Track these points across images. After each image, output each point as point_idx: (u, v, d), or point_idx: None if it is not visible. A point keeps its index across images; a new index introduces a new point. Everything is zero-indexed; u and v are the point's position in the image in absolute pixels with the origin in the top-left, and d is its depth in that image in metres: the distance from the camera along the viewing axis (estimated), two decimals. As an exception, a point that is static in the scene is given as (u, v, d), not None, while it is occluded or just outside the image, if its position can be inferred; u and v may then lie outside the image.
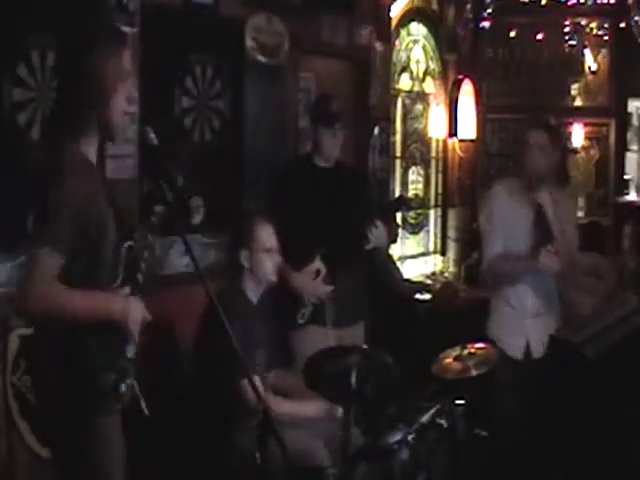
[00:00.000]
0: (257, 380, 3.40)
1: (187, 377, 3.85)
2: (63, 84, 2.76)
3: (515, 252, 4.26)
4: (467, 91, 7.70)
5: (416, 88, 7.34)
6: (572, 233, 4.30)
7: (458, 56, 7.66)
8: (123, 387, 2.69)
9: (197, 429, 3.67)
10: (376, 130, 6.29)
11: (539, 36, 8.11)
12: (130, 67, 2.75)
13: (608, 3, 7.73)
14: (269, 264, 3.75)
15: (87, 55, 2.66)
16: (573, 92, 8.37)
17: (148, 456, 3.81)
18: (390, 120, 6.69)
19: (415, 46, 7.27)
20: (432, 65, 7.52)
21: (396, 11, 6.53)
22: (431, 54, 7.49)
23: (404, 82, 7.14)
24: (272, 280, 3.79)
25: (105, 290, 2.67)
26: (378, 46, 6.22)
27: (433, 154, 7.70)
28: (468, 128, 7.75)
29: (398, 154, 7.12)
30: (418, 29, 7.26)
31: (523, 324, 4.31)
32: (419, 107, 7.42)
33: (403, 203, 4.58)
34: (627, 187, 8.28)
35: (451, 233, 7.80)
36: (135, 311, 2.69)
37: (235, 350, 2.57)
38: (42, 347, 2.67)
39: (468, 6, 7.69)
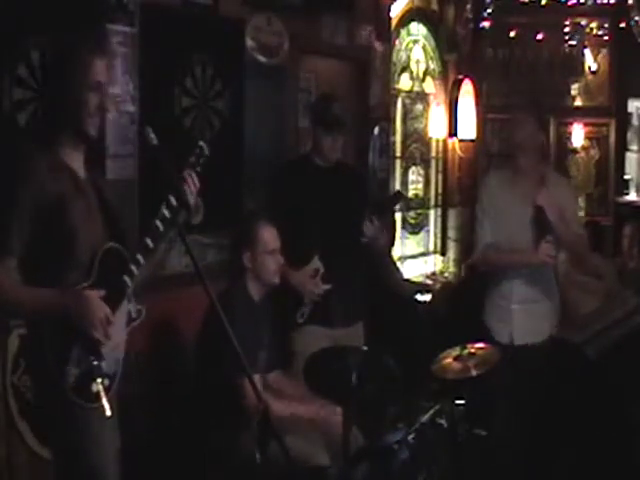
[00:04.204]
0: (257, 379, 3.41)
1: (188, 377, 3.85)
2: (42, 86, 2.84)
3: (506, 242, 4.29)
4: (467, 91, 7.70)
5: (416, 88, 7.34)
6: (573, 221, 4.32)
7: (458, 56, 7.66)
8: (95, 386, 2.68)
9: (198, 429, 3.67)
10: (376, 130, 6.29)
11: (539, 36, 8.12)
12: (104, 79, 2.77)
13: (608, 3, 7.73)
14: (272, 265, 3.75)
15: (57, 59, 2.77)
16: (573, 92, 8.37)
17: (148, 455, 3.82)
18: (390, 120, 6.69)
19: (415, 46, 7.27)
20: (432, 65, 7.52)
21: (396, 11, 6.53)
22: (431, 54, 7.49)
23: (404, 82, 7.14)
24: (275, 282, 3.79)
25: (72, 289, 2.67)
26: (378, 46, 6.23)
27: (433, 154, 7.70)
28: (468, 128, 7.75)
29: (398, 154, 7.12)
30: (418, 29, 7.26)
31: (510, 310, 4.32)
32: (419, 107, 7.43)
33: (400, 198, 4.57)
34: (627, 187, 8.28)
35: (451, 233, 7.80)
36: (90, 307, 2.65)
37: (236, 350, 2.57)
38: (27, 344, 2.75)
39: (468, 6, 7.69)
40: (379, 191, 6.22)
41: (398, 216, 6.85)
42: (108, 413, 2.68)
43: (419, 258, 7.52)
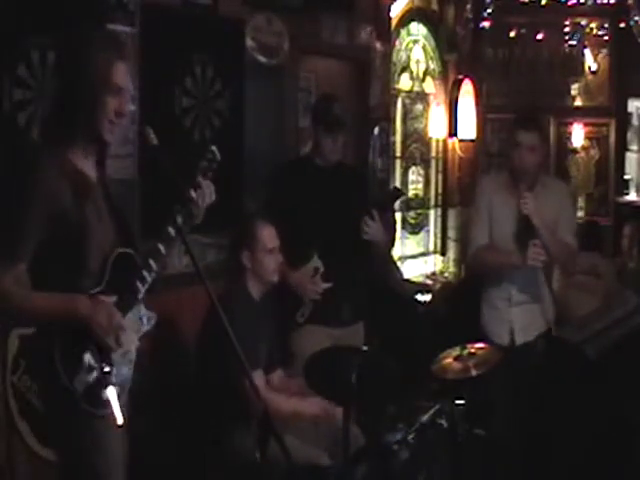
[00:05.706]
0: (258, 378, 3.41)
1: (188, 377, 3.85)
2: (55, 86, 2.79)
3: (500, 244, 4.31)
4: (467, 91, 7.70)
5: (416, 88, 7.34)
6: (566, 229, 4.33)
7: (458, 56, 7.66)
8: (105, 394, 2.64)
9: (198, 428, 3.67)
10: (376, 130, 6.29)
11: (539, 36, 8.12)
12: (124, 83, 2.70)
13: (608, 3, 7.73)
14: (271, 264, 3.76)
15: (77, 60, 2.66)
16: (573, 92, 8.37)
17: (148, 455, 3.82)
18: (390, 120, 6.69)
19: (415, 46, 7.27)
20: (432, 65, 7.52)
21: (396, 11, 6.53)
22: (431, 54, 7.49)
23: (404, 82, 7.14)
24: (274, 280, 3.81)
25: (85, 295, 2.62)
26: (378, 46, 6.23)
27: (433, 154, 7.70)
28: (468, 128, 7.75)
29: (398, 154, 7.12)
30: (418, 29, 7.26)
31: (508, 312, 4.34)
32: (419, 107, 7.43)
33: (399, 194, 4.57)
34: (627, 187, 8.28)
35: (451, 233, 7.80)
36: (103, 314, 2.61)
37: (236, 350, 2.57)
38: (31, 347, 2.71)
39: (468, 6, 7.69)
40: (379, 191, 6.22)
41: (398, 216, 6.85)
42: (120, 422, 2.65)
43: (419, 258, 7.52)
